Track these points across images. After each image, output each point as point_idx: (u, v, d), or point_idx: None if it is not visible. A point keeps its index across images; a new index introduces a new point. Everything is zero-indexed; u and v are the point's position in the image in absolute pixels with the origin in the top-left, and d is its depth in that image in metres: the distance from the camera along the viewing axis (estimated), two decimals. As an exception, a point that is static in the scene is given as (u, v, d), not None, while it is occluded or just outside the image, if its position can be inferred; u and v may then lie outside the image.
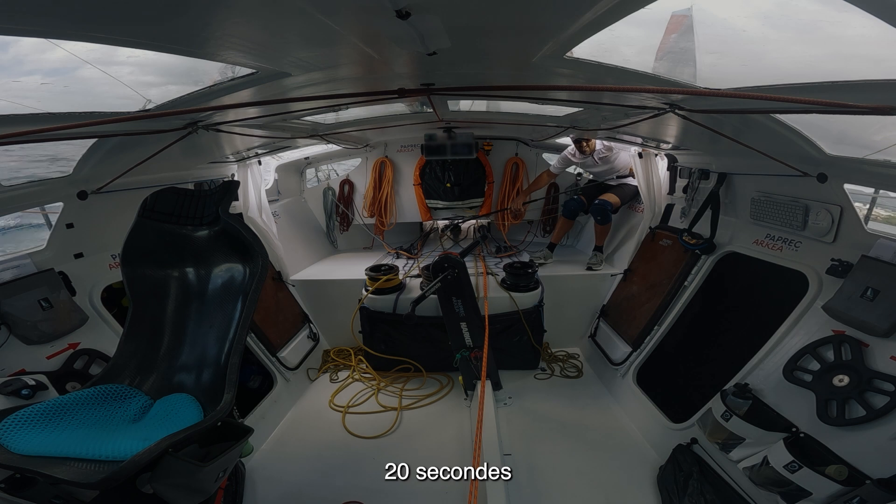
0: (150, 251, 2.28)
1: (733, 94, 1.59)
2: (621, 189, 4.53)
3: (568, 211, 4.69)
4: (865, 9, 1.11)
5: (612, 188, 4.58)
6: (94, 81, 1.60)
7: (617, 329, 4.06)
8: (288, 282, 4.46)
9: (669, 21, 1.62)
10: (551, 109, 3.30)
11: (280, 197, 5.24)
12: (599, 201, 4.38)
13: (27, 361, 2.21)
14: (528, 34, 1.38)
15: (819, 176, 2.51)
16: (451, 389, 3.97)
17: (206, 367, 2.23)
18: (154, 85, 1.71)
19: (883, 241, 2.26)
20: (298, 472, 3.01)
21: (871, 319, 2.10)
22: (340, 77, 1.98)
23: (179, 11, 1.07)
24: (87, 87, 1.67)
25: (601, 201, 4.37)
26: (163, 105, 1.85)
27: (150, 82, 1.69)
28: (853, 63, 1.37)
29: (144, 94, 1.71)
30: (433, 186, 5.47)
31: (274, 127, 3.24)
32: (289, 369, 3.92)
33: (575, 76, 1.86)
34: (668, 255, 3.83)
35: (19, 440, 1.63)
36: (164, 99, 1.80)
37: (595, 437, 3.29)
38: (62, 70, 1.59)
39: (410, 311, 3.49)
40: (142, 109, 1.82)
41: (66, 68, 1.56)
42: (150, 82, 1.69)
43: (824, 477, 1.91)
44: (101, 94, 1.74)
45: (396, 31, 1.20)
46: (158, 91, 1.73)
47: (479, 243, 4.34)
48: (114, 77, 1.57)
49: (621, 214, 4.96)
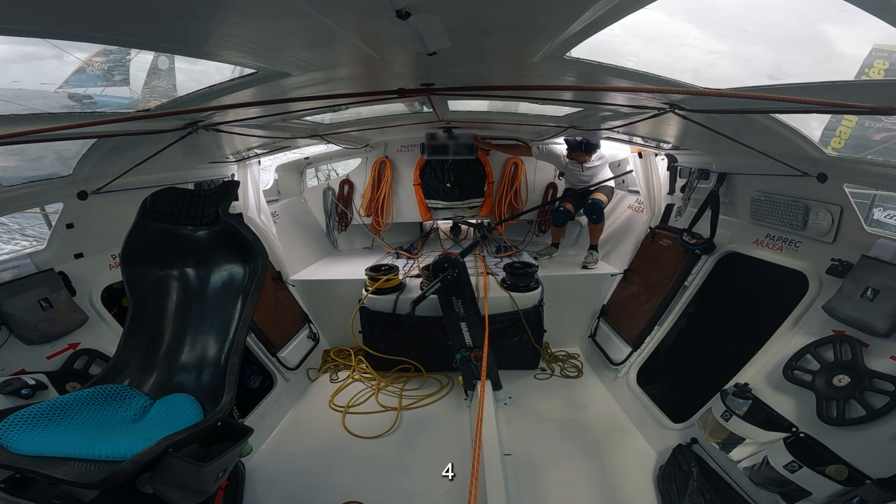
0: (149, 251, 2.27)
1: (733, 94, 1.59)
2: (602, 190, 4.63)
3: (557, 220, 4.74)
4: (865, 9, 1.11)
5: (593, 190, 4.63)
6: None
7: (617, 329, 4.06)
8: (288, 282, 4.46)
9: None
10: (551, 109, 3.30)
11: (280, 197, 5.24)
12: (593, 201, 4.42)
13: (27, 361, 2.21)
14: (528, 34, 1.38)
15: (819, 176, 2.51)
16: (451, 389, 3.97)
17: (206, 368, 2.23)
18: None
19: (883, 241, 2.26)
20: (298, 472, 3.01)
21: (871, 319, 2.10)
22: (340, 77, 1.98)
23: (180, 11, 1.07)
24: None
25: (595, 200, 4.41)
26: (163, 105, 1.85)
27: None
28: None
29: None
30: (433, 186, 5.47)
31: (274, 127, 3.24)
32: (289, 369, 3.91)
33: (575, 76, 1.86)
34: (668, 255, 3.83)
35: (19, 440, 1.63)
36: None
37: (595, 437, 3.29)
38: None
39: (410, 311, 3.49)
40: (142, 109, 1.82)
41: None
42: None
43: (824, 477, 1.91)
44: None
45: (396, 31, 1.20)
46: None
47: (479, 243, 4.34)
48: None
49: (621, 214, 4.96)
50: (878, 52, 8.80)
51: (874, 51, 8.84)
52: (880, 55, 8.78)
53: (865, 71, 8.58)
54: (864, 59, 8.78)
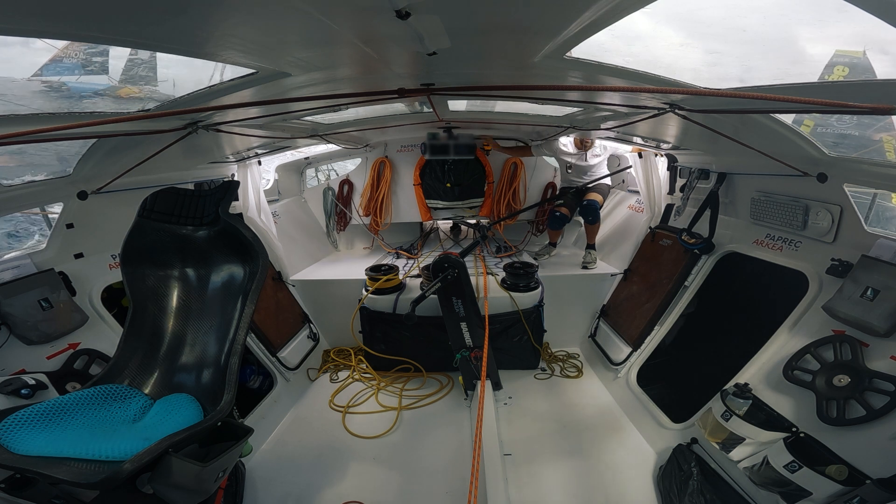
0: (149, 251, 2.27)
1: (733, 94, 1.59)
2: (598, 188, 4.62)
3: (554, 224, 4.72)
4: (866, 9, 1.11)
5: (590, 189, 4.62)
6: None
7: (617, 329, 4.06)
8: (288, 282, 4.46)
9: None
10: (551, 109, 3.30)
11: (280, 197, 5.24)
12: (588, 202, 4.42)
13: (27, 361, 2.22)
14: (528, 34, 1.38)
15: (819, 176, 2.51)
16: (451, 389, 3.97)
17: (206, 368, 2.23)
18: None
19: (883, 241, 2.26)
20: (298, 472, 3.01)
21: (871, 319, 2.10)
22: (340, 77, 1.98)
23: (179, 11, 1.07)
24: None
25: (590, 202, 4.42)
26: (163, 105, 1.85)
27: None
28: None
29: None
30: (433, 186, 5.47)
31: (274, 127, 3.24)
32: (289, 369, 3.91)
33: (575, 76, 1.86)
34: (668, 255, 3.83)
35: (19, 440, 1.63)
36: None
37: (595, 437, 3.29)
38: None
39: (410, 311, 3.49)
40: (142, 109, 1.82)
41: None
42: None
43: (824, 477, 1.91)
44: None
45: (396, 31, 1.20)
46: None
47: (479, 243, 4.34)
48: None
49: (621, 214, 4.96)
50: (839, 56, 8.91)
51: (836, 55, 8.94)
52: (841, 60, 8.89)
53: (825, 78, 8.68)
54: (824, 68, 8.91)
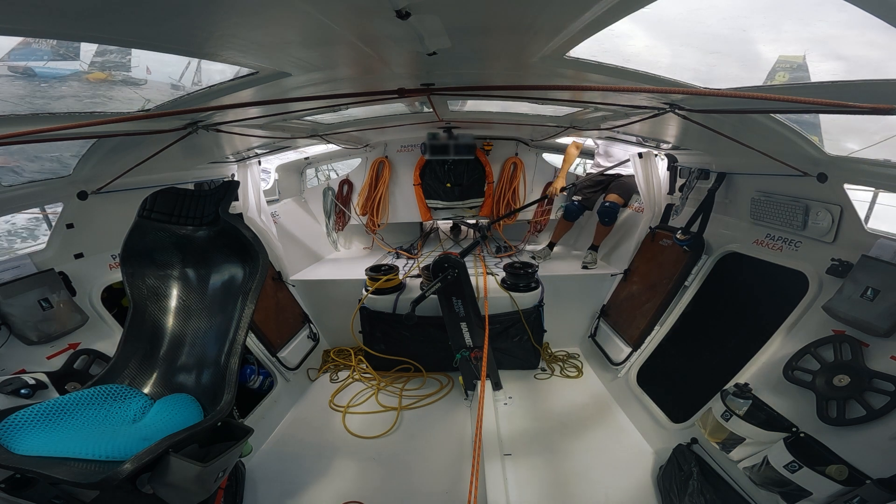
0: (149, 251, 2.27)
1: (733, 94, 1.59)
2: (619, 186, 4.56)
3: (569, 214, 4.71)
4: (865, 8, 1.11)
5: (611, 185, 4.59)
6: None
7: (617, 329, 4.06)
8: (288, 282, 4.46)
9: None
10: (551, 109, 3.30)
11: (280, 197, 5.24)
12: (610, 203, 4.39)
13: (27, 361, 2.21)
14: (528, 34, 1.38)
15: (819, 176, 2.51)
16: (451, 389, 3.97)
17: (206, 368, 2.23)
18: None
19: (883, 241, 2.26)
20: (298, 472, 3.01)
21: (871, 319, 2.10)
22: (340, 77, 1.98)
23: (179, 11, 1.07)
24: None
25: (611, 203, 4.38)
26: (163, 105, 1.85)
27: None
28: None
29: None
30: (433, 186, 5.47)
31: (274, 127, 3.24)
32: (289, 369, 3.91)
33: (575, 76, 1.86)
34: (668, 254, 3.83)
35: (19, 440, 1.63)
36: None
37: (595, 437, 3.29)
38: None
39: (410, 311, 3.49)
40: (141, 109, 1.82)
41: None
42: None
43: (824, 477, 1.91)
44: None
45: (396, 31, 1.20)
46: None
47: (479, 243, 4.35)
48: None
49: (621, 214, 4.95)
50: (781, 62, 8.94)
51: (779, 61, 8.97)
52: (782, 67, 8.93)
53: (767, 84, 8.82)
54: (769, 72, 8.96)
